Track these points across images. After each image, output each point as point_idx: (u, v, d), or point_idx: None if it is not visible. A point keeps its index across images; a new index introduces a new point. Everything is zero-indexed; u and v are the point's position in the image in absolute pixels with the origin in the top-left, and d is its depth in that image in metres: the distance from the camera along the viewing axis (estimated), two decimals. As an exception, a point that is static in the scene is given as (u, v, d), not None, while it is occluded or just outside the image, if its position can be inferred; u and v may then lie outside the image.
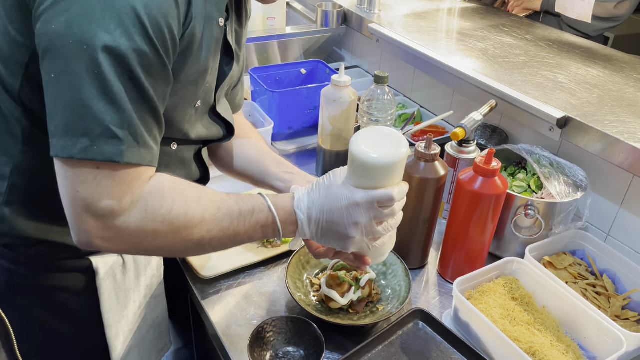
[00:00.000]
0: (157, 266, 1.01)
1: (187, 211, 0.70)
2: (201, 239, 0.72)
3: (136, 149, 0.65)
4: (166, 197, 0.69)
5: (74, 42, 0.59)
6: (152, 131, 0.68)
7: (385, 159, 0.72)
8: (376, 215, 0.75)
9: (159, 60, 0.65)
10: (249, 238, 0.77)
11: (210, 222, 0.72)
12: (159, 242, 0.70)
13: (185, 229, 0.70)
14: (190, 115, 0.81)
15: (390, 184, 0.75)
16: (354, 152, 0.73)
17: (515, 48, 1.49)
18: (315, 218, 0.76)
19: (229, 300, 1.00)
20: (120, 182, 0.65)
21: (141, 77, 0.63)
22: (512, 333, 0.90)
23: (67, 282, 0.88)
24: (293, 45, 1.81)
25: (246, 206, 0.75)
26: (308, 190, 0.78)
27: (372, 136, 0.74)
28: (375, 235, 0.77)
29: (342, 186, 0.75)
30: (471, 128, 1.13)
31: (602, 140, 1.07)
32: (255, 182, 1.00)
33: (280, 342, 0.90)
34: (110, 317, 0.92)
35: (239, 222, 0.74)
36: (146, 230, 0.68)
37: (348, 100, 1.27)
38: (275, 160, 0.99)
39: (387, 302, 0.99)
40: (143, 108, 0.65)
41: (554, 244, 1.09)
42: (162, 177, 0.70)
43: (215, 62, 0.81)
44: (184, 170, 0.90)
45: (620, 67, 1.39)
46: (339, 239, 0.77)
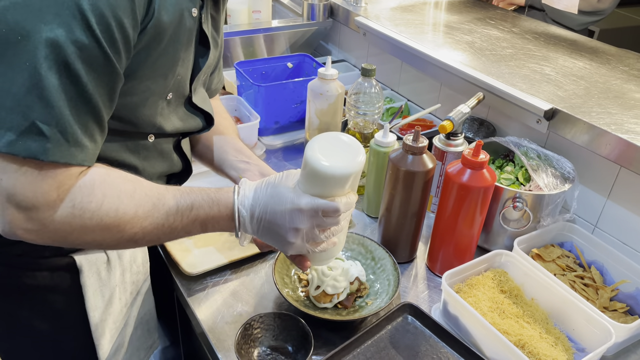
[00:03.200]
0: (142, 262, 0.99)
1: (118, 207, 0.67)
2: (133, 235, 0.70)
3: (65, 147, 0.62)
4: (96, 191, 0.66)
5: (8, 31, 0.57)
6: (88, 128, 0.65)
7: (337, 169, 0.69)
8: (319, 224, 0.73)
9: (102, 53, 0.62)
10: (186, 233, 0.75)
11: (143, 218, 0.69)
12: (87, 237, 0.67)
13: (116, 225, 0.67)
14: (162, 108, 0.79)
15: (340, 194, 0.73)
16: (307, 157, 0.70)
17: (502, 41, 1.49)
18: (257, 216, 0.74)
19: (215, 297, 0.98)
20: (46, 177, 0.62)
21: (79, 71, 0.60)
22: (501, 326, 0.89)
23: (50, 281, 0.86)
24: (279, 39, 1.79)
25: (185, 202, 0.72)
26: (255, 187, 0.75)
27: (330, 143, 0.72)
28: (316, 241, 0.75)
29: (290, 189, 0.73)
30: (459, 121, 1.12)
31: (589, 132, 1.07)
32: (215, 170, 0.99)
33: (268, 339, 0.89)
34: (95, 316, 0.90)
35: (175, 219, 0.72)
36: (73, 225, 0.65)
37: (335, 93, 1.26)
38: (235, 148, 0.97)
39: (376, 297, 0.98)
40: (79, 105, 0.62)
41: (542, 236, 1.09)
42: (95, 171, 0.67)
43: (187, 53, 0.79)
44: (165, 162, 0.88)
45: (606, 59, 1.39)
46: (278, 241, 0.75)
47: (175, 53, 0.74)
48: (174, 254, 1.03)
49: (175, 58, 0.75)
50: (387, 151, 1.11)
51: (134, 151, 0.82)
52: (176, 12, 0.70)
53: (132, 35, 0.65)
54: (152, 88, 0.75)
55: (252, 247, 1.08)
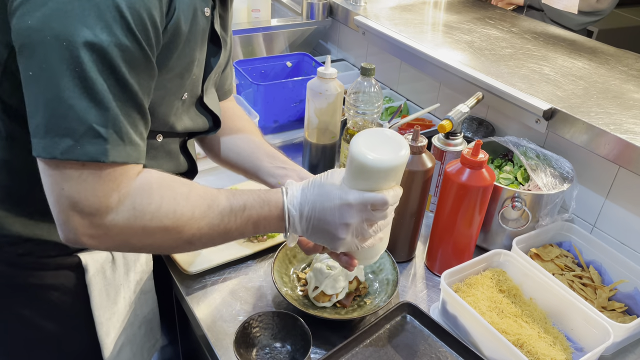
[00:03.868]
0: (146, 261, 0.99)
1: (176, 208, 0.68)
2: (191, 237, 0.70)
3: (121, 147, 0.63)
4: (154, 194, 0.67)
5: (52, 38, 0.57)
6: (137, 127, 0.66)
7: (384, 162, 0.70)
8: (368, 218, 0.73)
9: (142, 54, 0.63)
10: (240, 234, 0.75)
11: (200, 219, 0.70)
12: (147, 239, 0.68)
13: (175, 226, 0.68)
14: (176, 108, 0.80)
15: (386, 187, 0.73)
16: (352, 153, 0.71)
17: (501, 40, 1.49)
18: (307, 215, 0.74)
19: (214, 296, 0.98)
20: (106, 180, 0.63)
21: (124, 72, 0.61)
22: (499, 325, 0.89)
23: (56, 280, 0.86)
24: (278, 38, 1.79)
25: (237, 202, 0.73)
26: (302, 187, 0.76)
27: (373, 137, 0.73)
28: (365, 236, 0.76)
29: (337, 185, 0.74)
30: (458, 120, 1.12)
31: (588, 132, 1.07)
32: (248, 176, 0.99)
33: (267, 338, 0.89)
34: (100, 315, 0.91)
35: (229, 219, 0.72)
36: (134, 228, 0.66)
37: (334, 92, 1.26)
38: (268, 154, 0.97)
39: (375, 296, 0.98)
40: (127, 104, 0.63)
41: (541, 236, 1.09)
42: (150, 173, 0.69)
43: (202, 53, 0.79)
44: (172, 162, 0.88)
45: (605, 59, 1.39)
46: (328, 238, 0.75)
47: (192, 53, 0.75)
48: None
49: (191, 58, 0.75)
50: (386, 150, 1.11)
51: None
52: (191, 11, 0.71)
53: (161, 33, 0.66)
54: (169, 87, 0.75)
55: (252, 245, 1.08)
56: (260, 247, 1.07)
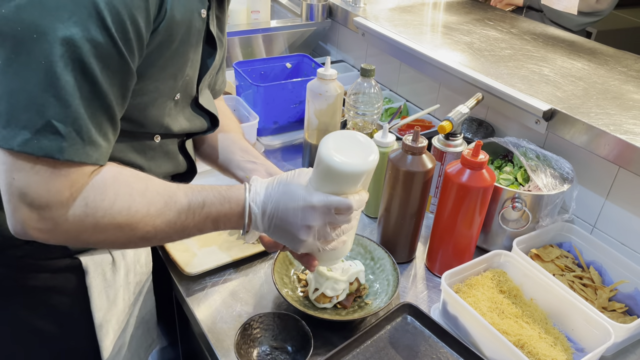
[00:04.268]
0: (145, 263, 0.99)
1: (130, 205, 0.67)
2: (145, 234, 0.69)
3: (79, 146, 0.62)
4: (109, 190, 0.66)
5: (23, 29, 0.56)
6: (101, 128, 0.64)
7: (351, 166, 0.69)
8: (331, 221, 0.73)
9: (116, 52, 0.62)
10: (198, 231, 0.74)
11: (155, 216, 0.69)
12: (99, 236, 0.67)
13: (129, 224, 0.67)
14: (170, 109, 0.79)
15: (352, 192, 0.73)
16: (321, 154, 0.70)
17: (501, 41, 1.49)
18: (269, 214, 0.73)
19: (214, 297, 0.98)
20: (59, 176, 0.62)
21: (94, 69, 0.60)
22: (500, 326, 0.89)
23: (56, 283, 0.85)
24: (278, 40, 1.79)
25: (196, 199, 0.72)
26: (267, 184, 0.75)
27: (343, 140, 0.72)
28: (327, 239, 0.75)
29: (302, 186, 0.73)
30: (458, 121, 1.12)
31: (588, 133, 1.07)
32: (221, 170, 0.99)
33: (268, 339, 0.89)
34: (100, 316, 0.90)
35: (187, 216, 0.71)
36: (85, 224, 0.65)
37: (334, 93, 1.26)
38: (241, 148, 0.97)
39: (375, 297, 0.98)
40: (94, 103, 0.62)
41: (541, 237, 1.09)
42: (107, 169, 0.67)
43: (196, 54, 0.79)
44: (170, 162, 0.87)
45: (604, 60, 1.39)
46: (290, 239, 0.75)
47: (185, 54, 0.74)
48: (173, 254, 1.03)
49: (185, 59, 0.75)
50: (386, 151, 1.11)
51: (140, 151, 0.82)
52: (187, 12, 0.70)
53: (145, 35, 0.65)
54: (161, 89, 0.74)
55: (252, 246, 1.08)
56: (260, 248, 1.07)
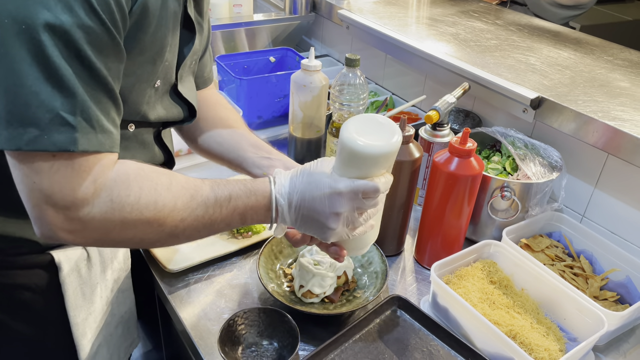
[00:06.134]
0: (124, 259, 0.95)
1: (157, 199, 0.65)
2: (174, 229, 0.67)
3: (92, 134, 0.60)
4: (133, 184, 0.63)
5: (10, 20, 0.53)
6: (109, 114, 0.62)
7: (375, 148, 0.68)
8: (359, 206, 0.71)
9: (108, 35, 0.59)
10: (226, 225, 0.72)
11: (183, 210, 0.67)
12: (128, 233, 0.65)
13: (157, 218, 0.65)
14: (149, 96, 0.76)
15: (377, 175, 0.71)
16: (343, 138, 0.68)
17: (486, 32, 1.48)
18: (295, 205, 0.71)
19: (197, 294, 0.95)
20: (79, 171, 0.59)
21: (90, 55, 0.58)
22: (491, 317, 0.87)
23: (28, 280, 0.82)
24: (261, 34, 1.76)
25: (222, 193, 0.70)
26: (291, 175, 0.73)
27: (364, 123, 0.70)
28: (355, 225, 0.73)
29: (326, 174, 0.71)
30: (445, 111, 1.10)
31: (576, 120, 1.06)
32: (232, 167, 0.95)
33: (253, 335, 0.86)
34: (76, 315, 0.87)
35: (214, 210, 0.69)
36: (113, 220, 0.62)
37: (319, 85, 1.23)
38: (252, 144, 0.94)
39: (364, 290, 0.96)
40: (96, 89, 0.60)
41: (531, 226, 1.07)
42: (128, 164, 0.65)
43: (174, 38, 0.76)
44: (146, 153, 0.84)
45: (590, 49, 1.39)
46: (319, 229, 0.72)
47: (163, 37, 0.72)
48: (153, 250, 0.99)
49: (163, 42, 0.72)
50: (372, 142, 1.09)
51: None
52: None
53: (127, 15, 0.62)
54: (140, 74, 0.72)
55: (236, 242, 1.05)
56: (245, 243, 1.04)
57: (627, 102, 1.09)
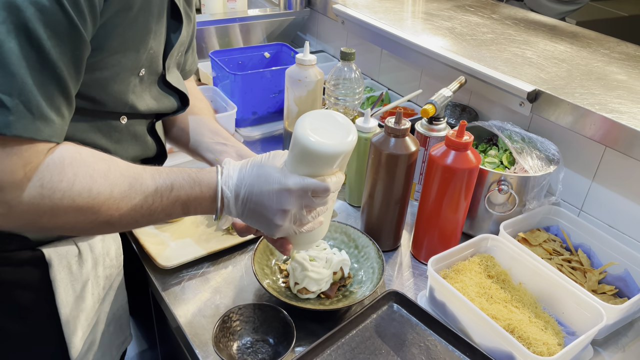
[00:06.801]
0: (115, 255, 0.94)
1: (91, 187, 0.62)
2: (109, 218, 0.65)
3: (29, 120, 0.57)
4: (67, 170, 0.61)
5: None
6: (53, 101, 0.60)
7: (328, 147, 0.66)
8: (307, 204, 0.70)
9: (65, 18, 0.57)
10: (167, 216, 0.70)
11: (119, 199, 0.64)
12: (59, 220, 0.62)
13: (90, 207, 0.63)
14: (134, 85, 0.75)
15: (329, 173, 0.69)
16: (296, 134, 0.66)
17: (482, 26, 1.47)
18: (242, 198, 0.70)
19: (192, 291, 0.94)
20: (10, 154, 0.57)
21: (41, 35, 0.55)
22: (489, 311, 0.86)
23: (17, 276, 0.80)
24: (255, 29, 1.75)
25: (164, 182, 0.68)
26: (240, 166, 0.71)
27: (320, 120, 0.68)
28: (303, 222, 0.72)
29: (277, 168, 0.69)
30: (441, 104, 1.09)
31: (573, 113, 1.05)
32: (190, 153, 0.94)
33: (248, 331, 0.84)
34: (67, 312, 0.85)
35: (154, 200, 0.67)
36: (42, 207, 0.60)
37: (314, 79, 1.22)
38: (211, 130, 0.92)
39: (360, 285, 0.95)
40: (43, 74, 0.57)
41: (528, 220, 1.06)
42: (64, 148, 0.63)
43: (159, 26, 0.74)
44: (138, 146, 0.83)
45: (586, 42, 1.38)
46: (265, 224, 0.71)
47: (147, 24, 0.70)
48: (147, 247, 0.98)
49: (146, 29, 0.70)
50: (368, 137, 1.08)
51: (106, 133, 0.77)
52: None
53: (96, 1, 0.60)
54: (123, 62, 0.70)
55: (231, 238, 1.03)
56: (239, 239, 1.03)
57: (625, 95, 1.08)
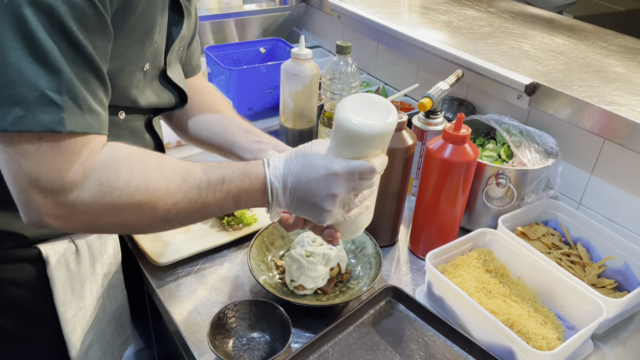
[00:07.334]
0: (113, 253, 0.93)
1: (148, 182, 0.62)
2: (166, 212, 0.65)
3: (79, 115, 0.57)
4: (122, 167, 0.61)
5: None
6: (96, 94, 0.60)
7: (371, 128, 0.66)
8: (355, 187, 0.69)
9: (94, 11, 0.57)
10: (220, 209, 0.70)
11: (175, 193, 0.65)
12: (119, 217, 0.62)
13: (148, 202, 0.63)
14: (138, 80, 0.74)
15: (372, 155, 0.70)
16: (338, 118, 0.67)
17: (479, 20, 1.46)
18: (290, 187, 0.69)
19: (187, 288, 0.92)
20: (67, 153, 0.57)
21: (76, 32, 0.56)
22: (488, 305, 0.85)
23: (15, 275, 0.79)
24: (251, 25, 1.73)
25: (215, 175, 0.68)
26: (285, 157, 0.71)
27: (360, 102, 0.69)
28: (351, 206, 0.72)
29: (321, 155, 0.69)
30: (438, 98, 1.08)
31: (572, 105, 1.04)
32: (222, 154, 0.93)
33: (244, 328, 0.83)
34: (65, 311, 0.84)
35: (207, 193, 0.67)
36: (103, 205, 0.60)
37: (310, 74, 1.21)
38: (242, 128, 0.91)
39: (357, 281, 0.94)
40: (83, 68, 0.58)
41: (527, 214, 1.05)
42: (117, 146, 0.63)
43: (163, 19, 0.74)
44: (136, 141, 0.82)
45: (584, 35, 1.37)
46: (314, 211, 0.70)
47: (152, 18, 0.70)
48: (142, 244, 0.97)
49: (152, 23, 0.70)
50: (365, 131, 1.07)
51: None
52: None
53: None
54: (128, 56, 0.69)
55: (226, 234, 1.02)
56: (235, 235, 1.02)
57: (623, 87, 1.07)
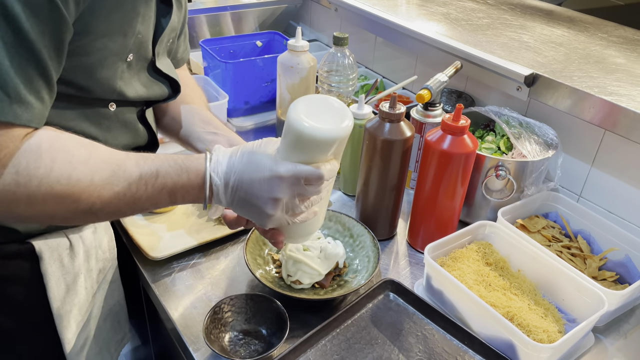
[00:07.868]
0: (108, 248, 0.91)
1: (70, 173, 0.59)
2: (91, 206, 0.62)
3: (5, 104, 0.55)
4: (44, 156, 0.58)
5: None
6: (32, 84, 0.57)
7: (322, 132, 0.62)
8: (300, 193, 0.66)
9: None
10: (152, 204, 0.67)
11: (101, 187, 0.61)
12: (36, 208, 0.60)
13: (70, 194, 0.60)
14: (122, 71, 0.72)
15: (323, 161, 0.66)
16: (290, 119, 0.63)
17: (478, 12, 1.44)
18: (232, 185, 0.66)
19: (182, 282, 0.91)
20: None
21: (19, 14, 0.53)
22: (488, 298, 0.84)
23: (7, 270, 0.78)
24: (247, 18, 1.71)
25: (149, 169, 0.65)
26: (230, 153, 0.68)
27: (315, 105, 0.65)
28: (296, 212, 0.69)
29: (269, 156, 0.66)
30: (437, 90, 1.07)
31: (572, 96, 1.03)
32: (181, 144, 0.91)
33: (240, 322, 0.82)
34: (59, 307, 0.82)
35: (138, 187, 0.64)
36: (18, 195, 0.57)
37: (307, 66, 1.19)
38: (202, 119, 0.89)
39: (355, 274, 0.92)
40: (21, 55, 0.55)
41: (526, 207, 1.04)
42: (43, 133, 0.60)
43: (147, 10, 0.72)
44: (129, 133, 0.80)
45: (584, 27, 1.35)
46: (256, 214, 0.68)
47: (134, 7, 0.67)
48: (137, 238, 0.95)
49: (133, 12, 0.68)
50: (362, 123, 1.05)
51: (94, 121, 0.74)
52: None
53: None
54: (110, 47, 0.67)
55: (223, 229, 1.01)
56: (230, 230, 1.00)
57: (624, 78, 1.06)
